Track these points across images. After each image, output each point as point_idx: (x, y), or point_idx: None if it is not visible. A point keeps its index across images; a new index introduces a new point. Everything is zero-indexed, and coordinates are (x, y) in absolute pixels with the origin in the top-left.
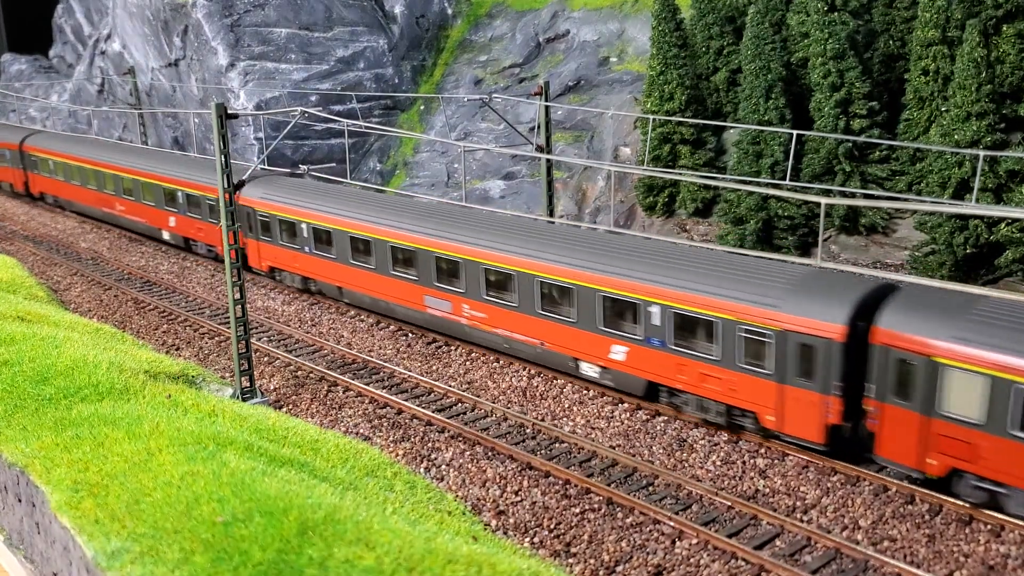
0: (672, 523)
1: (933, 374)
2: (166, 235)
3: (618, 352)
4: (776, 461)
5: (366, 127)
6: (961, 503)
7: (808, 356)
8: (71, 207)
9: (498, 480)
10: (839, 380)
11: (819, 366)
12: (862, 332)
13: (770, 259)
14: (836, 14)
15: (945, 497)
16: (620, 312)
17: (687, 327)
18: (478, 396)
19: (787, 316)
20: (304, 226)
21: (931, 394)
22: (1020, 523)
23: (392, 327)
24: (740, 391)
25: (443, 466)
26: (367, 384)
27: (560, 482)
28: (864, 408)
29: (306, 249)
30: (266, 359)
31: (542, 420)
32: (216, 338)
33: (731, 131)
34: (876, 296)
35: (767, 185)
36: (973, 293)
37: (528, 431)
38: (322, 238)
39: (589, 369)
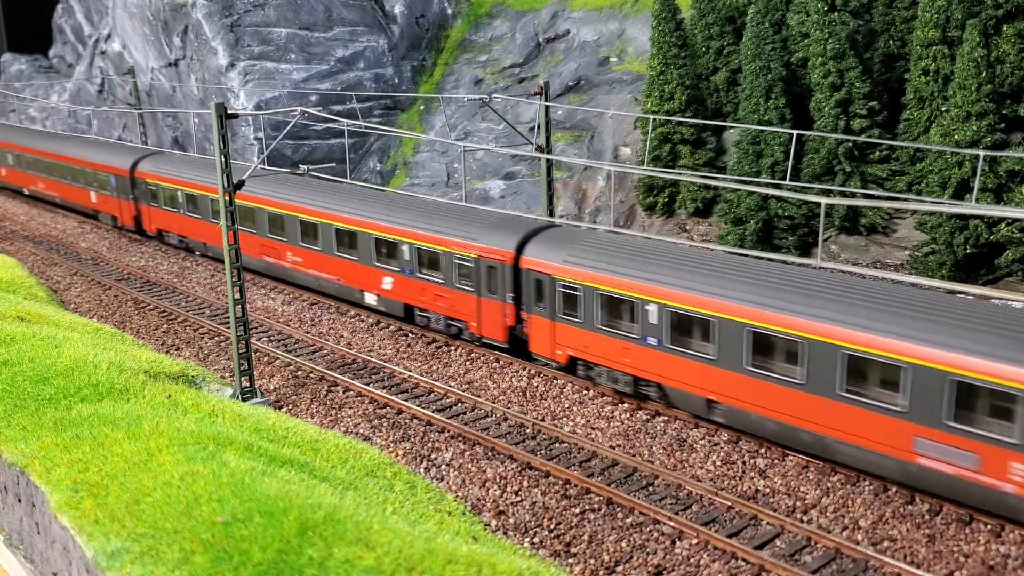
0: (672, 523)
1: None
2: (371, 299)
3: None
4: (776, 461)
5: (366, 127)
6: (965, 508)
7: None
8: (207, 251)
9: (498, 480)
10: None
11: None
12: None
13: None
14: (836, 14)
15: (945, 498)
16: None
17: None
18: (478, 396)
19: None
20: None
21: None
22: (1020, 523)
23: (392, 327)
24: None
25: (443, 466)
26: (367, 384)
27: (560, 482)
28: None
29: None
30: (266, 359)
31: (542, 420)
32: (216, 338)
33: (731, 131)
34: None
35: (767, 185)
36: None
37: (528, 431)
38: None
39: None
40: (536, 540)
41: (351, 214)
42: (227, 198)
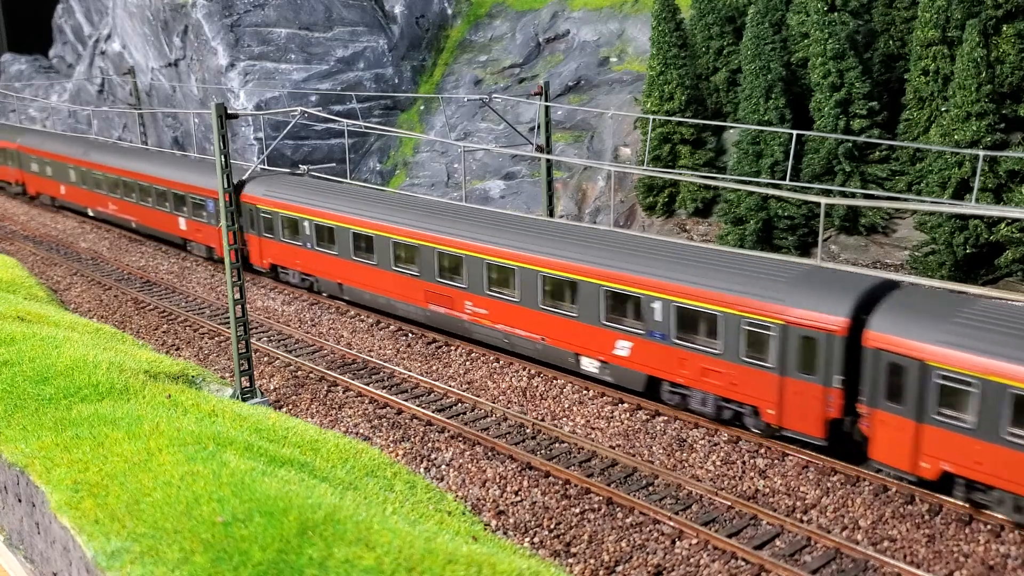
0: (672, 523)
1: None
2: (591, 366)
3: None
4: (776, 461)
5: (366, 127)
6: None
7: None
8: (344, 294)
9: (498, 480)
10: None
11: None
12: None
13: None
14: (836, 14)
15: (945, 497)
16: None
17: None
18: (478, 396)
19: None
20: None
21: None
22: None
23: (392, 327)
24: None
25: (443, 466)
26: (367, 384)
27: (560, 482)
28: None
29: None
30: (266, 359)
31: (542, 420)
32: (216, 338)
33: (731, 131)
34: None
35: (767, 185)
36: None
37: (528, 431)
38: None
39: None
40: (536, 540)
41: (563, 258)
42: (227, 199)
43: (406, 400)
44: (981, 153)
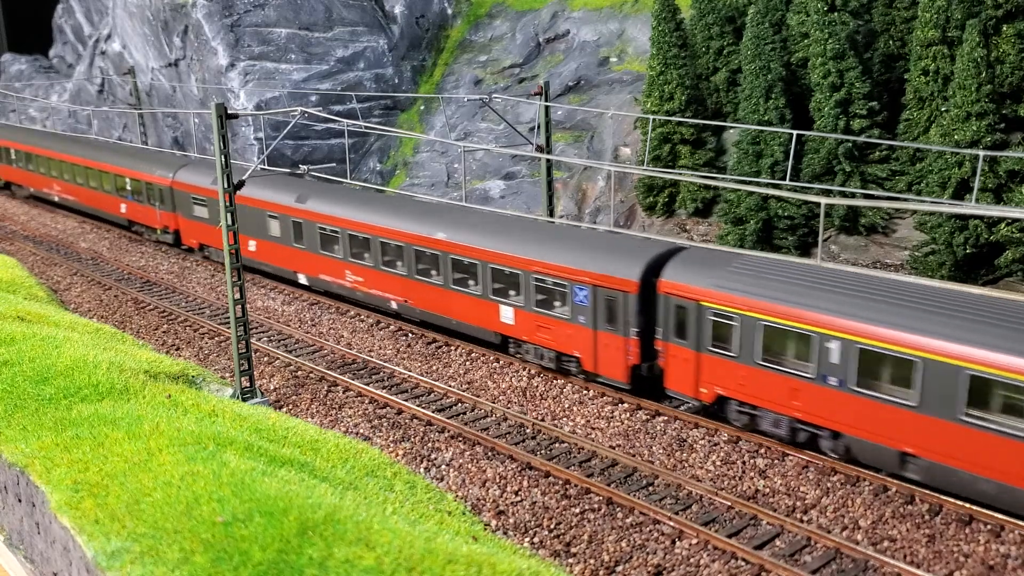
0: (672, 523)
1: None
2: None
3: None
4: (776, 461)
5: (366, 127)
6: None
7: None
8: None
9: (498, 480)
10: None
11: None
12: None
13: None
14: (836, 14)
15: (945, 497)
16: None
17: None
18: (478, 396)
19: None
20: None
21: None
22: (1020, 523)
23: (392, 327)
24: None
25: (443, 466)
26: (367, 384)
27: (560, 482)
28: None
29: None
30: (266, 359)
31: (542, 420)
32: (216, 338)
33: (731, 131)
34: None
35: (767, 185)
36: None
37: (528, 431)
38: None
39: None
40: (536, 540)
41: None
42: (227, 199)
43: (406, 400)
44: (981, 153)
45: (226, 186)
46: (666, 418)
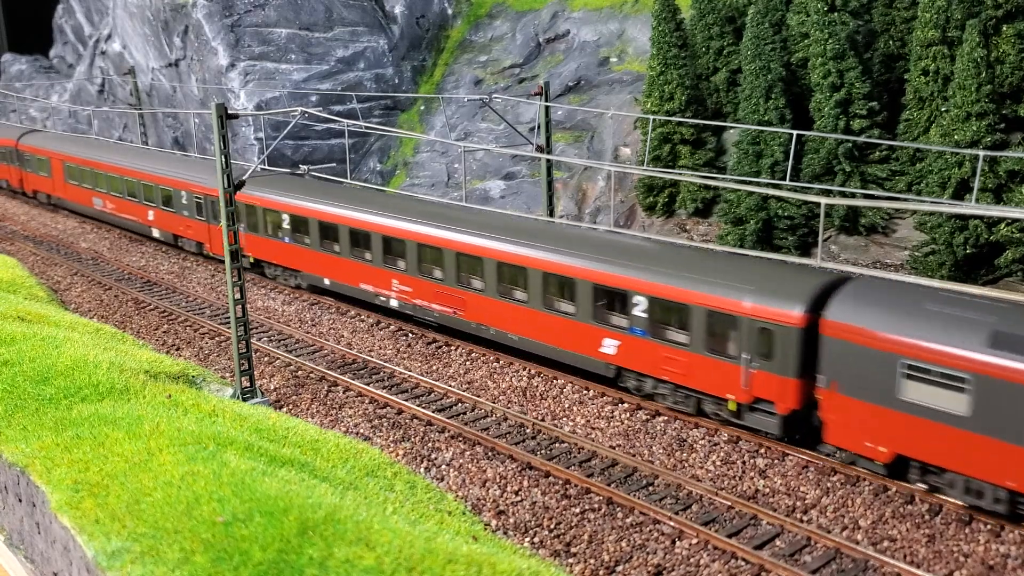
0: (672, 523)
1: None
2: None
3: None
4: (776, 461)
5: (366, 127)
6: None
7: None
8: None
9: (498, 480)
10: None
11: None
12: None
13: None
14: (836, 14)
15: (945, 497)
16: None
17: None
18: (478, 396)
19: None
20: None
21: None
22: (1019, 523)
23: (392, 327)
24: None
25: (443, 466)
26: (367, 384)
27: (560, 482)
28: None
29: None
30: (266, 359)
31: (542, 420)
32: (216, 338)
33: (731, 131)
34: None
35: (767, 185)
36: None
37: (528, 431)
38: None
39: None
40: (536, 540)
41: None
42: (227, 198)
43: (406, 400)
44: (981, 153)
45: (226, 186)
46: (666, 418)
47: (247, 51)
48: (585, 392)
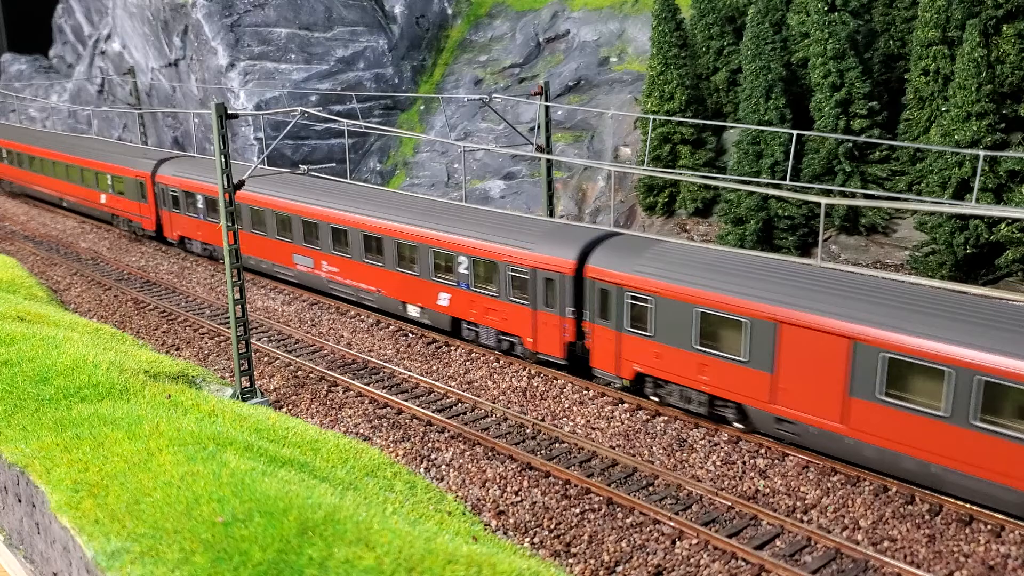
0: (672, 523)
1: None
2: None
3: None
4: (776, 461)
5: (366, 127)
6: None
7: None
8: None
9: (498, 480)
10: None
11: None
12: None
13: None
14: (836, 14)
15: (945, 498)
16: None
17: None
18: (478, 396)
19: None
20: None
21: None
22: (1020, 523)
23: (392, 327)
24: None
25: (443, 466)
26: (367, 384)
27: (560, 482)
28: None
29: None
30: (266, 359)
31: (542, 420)
32: (216, 338)
33: (731, 131)
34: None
35: (767, 185)
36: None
37: (528, 431)
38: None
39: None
40: (536, 540)
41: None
42: (227, 198)
43: (406, 400)
44: (981, 153)
45: (226, 186)
46: (666, 418)
47: (247, 51)
48: (585, 392)
